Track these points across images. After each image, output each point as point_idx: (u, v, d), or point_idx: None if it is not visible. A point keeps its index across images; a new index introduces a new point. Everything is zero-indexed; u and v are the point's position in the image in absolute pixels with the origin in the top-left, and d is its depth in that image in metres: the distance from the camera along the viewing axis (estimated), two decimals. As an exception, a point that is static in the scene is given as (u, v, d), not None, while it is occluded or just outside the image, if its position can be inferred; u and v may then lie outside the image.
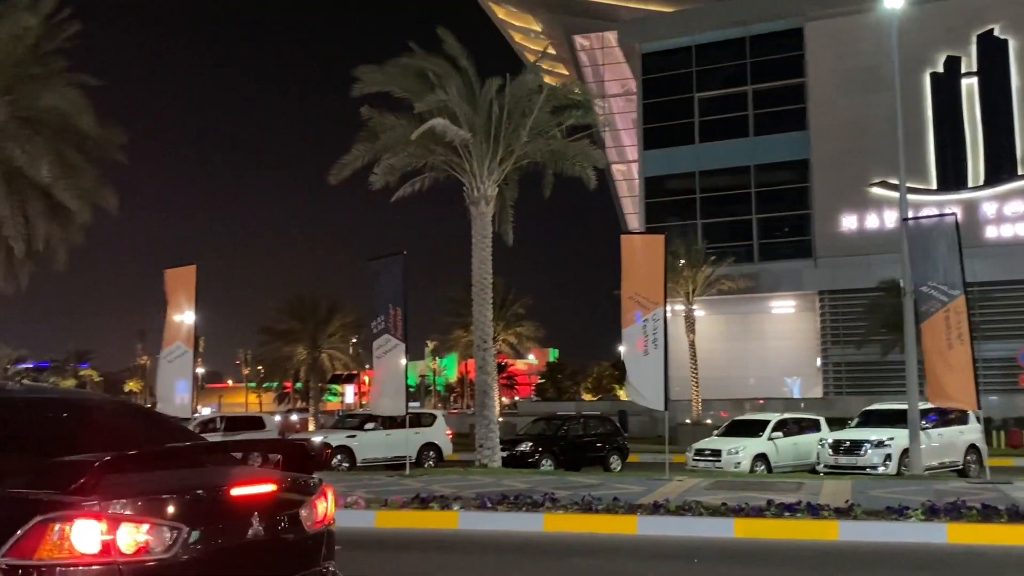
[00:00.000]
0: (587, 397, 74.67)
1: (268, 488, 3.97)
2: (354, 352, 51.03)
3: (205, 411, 34.50)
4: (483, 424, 20.83)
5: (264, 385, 75.48)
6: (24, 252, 22.83)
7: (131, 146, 24.61)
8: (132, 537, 3.45)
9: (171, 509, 3.54)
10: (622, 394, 43.66)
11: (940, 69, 37.34)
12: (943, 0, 34.80)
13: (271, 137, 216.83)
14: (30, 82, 22.42)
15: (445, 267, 73.26)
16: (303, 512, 4.09)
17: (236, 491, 3.82)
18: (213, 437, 22.18)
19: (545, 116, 20.96)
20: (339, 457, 23.08)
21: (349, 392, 66.10)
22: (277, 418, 33.90)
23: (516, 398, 75.00)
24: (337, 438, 23.71)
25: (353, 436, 23.72)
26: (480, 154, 20.74)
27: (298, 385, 58.48)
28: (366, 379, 36.03)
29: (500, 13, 54.75)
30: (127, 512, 3.45)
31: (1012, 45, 36.46)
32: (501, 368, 48.17)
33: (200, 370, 28.03)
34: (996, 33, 36.65)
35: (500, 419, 25.51)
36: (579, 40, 50.44)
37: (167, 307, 19.95)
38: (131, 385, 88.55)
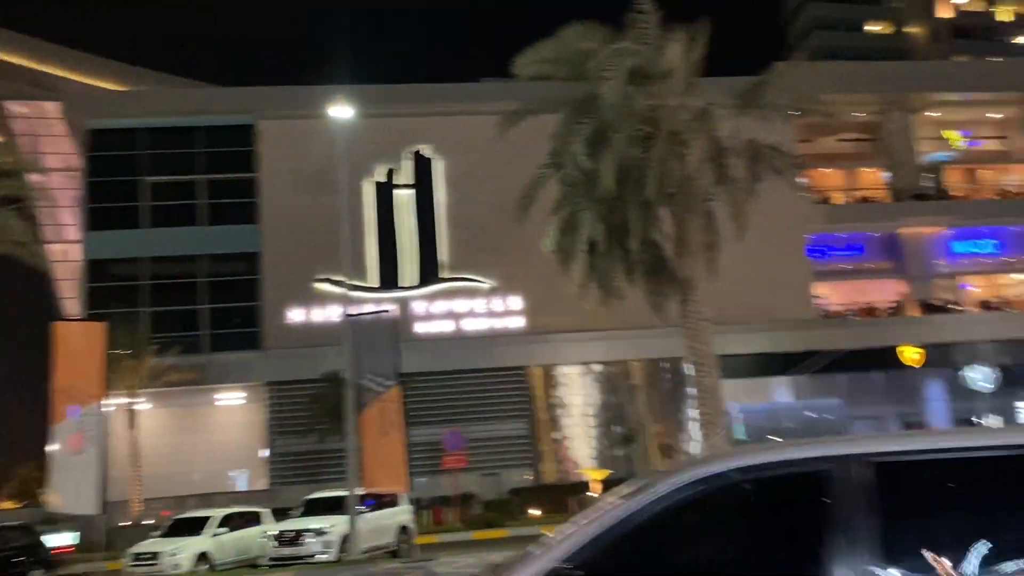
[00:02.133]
0: (8, 504, 65.71)
1: None
2: None
3: None
4: None
5: None
6: None
7: None
8: None
9: None
10: (51, 499, 39.30)
11: (380, 179, 41.05)
12: (382, 117, 38.39)
13: None
14: None
15: None
16: None
17: None
18: None
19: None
20: None
21: None
22: None
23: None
24: None
25: None
26: None
27: None
28: None
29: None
30: None
31: (438, 164, 41.53)
32: None
33: None
34: (425, 152, 41.51)
35: None
36: (13, 107, 45.88)
37: None
38: None
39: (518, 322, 40.11)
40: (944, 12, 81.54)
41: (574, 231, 20.09)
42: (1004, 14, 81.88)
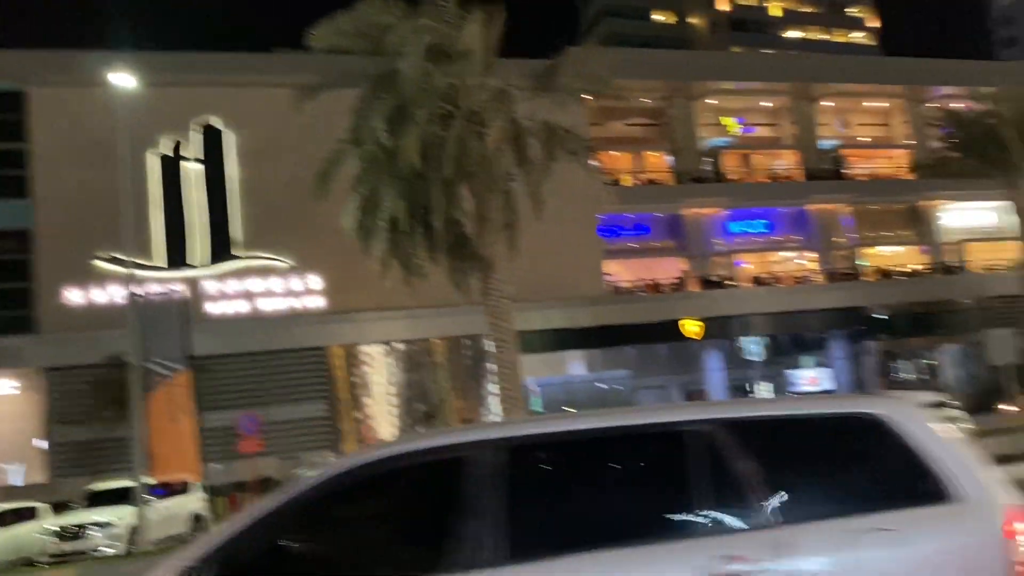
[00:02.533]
0: None
1: None
2: None
3: None
4: None
5: None
6: None
7: None
8: None
9: None
10: None
11: (166, 151, 38.95)
12: (169, 87, 36.36)
13: None
14: None
15: None
16: None
17: None
18: None
19: None
20: None
21: None
22: None
23: None
24: None
25: None
26: None
27: None
28: None
29: None
30: None
31: (228, 137, 39.88)
32: None
33: None
34: (214, 124, 39.71)
35: None
36: None
37: None
38: None
39: (317, 301, 39.41)
40: (722, 5, 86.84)
41: (375, 209, 19.94)
42: (775, 9, 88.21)
